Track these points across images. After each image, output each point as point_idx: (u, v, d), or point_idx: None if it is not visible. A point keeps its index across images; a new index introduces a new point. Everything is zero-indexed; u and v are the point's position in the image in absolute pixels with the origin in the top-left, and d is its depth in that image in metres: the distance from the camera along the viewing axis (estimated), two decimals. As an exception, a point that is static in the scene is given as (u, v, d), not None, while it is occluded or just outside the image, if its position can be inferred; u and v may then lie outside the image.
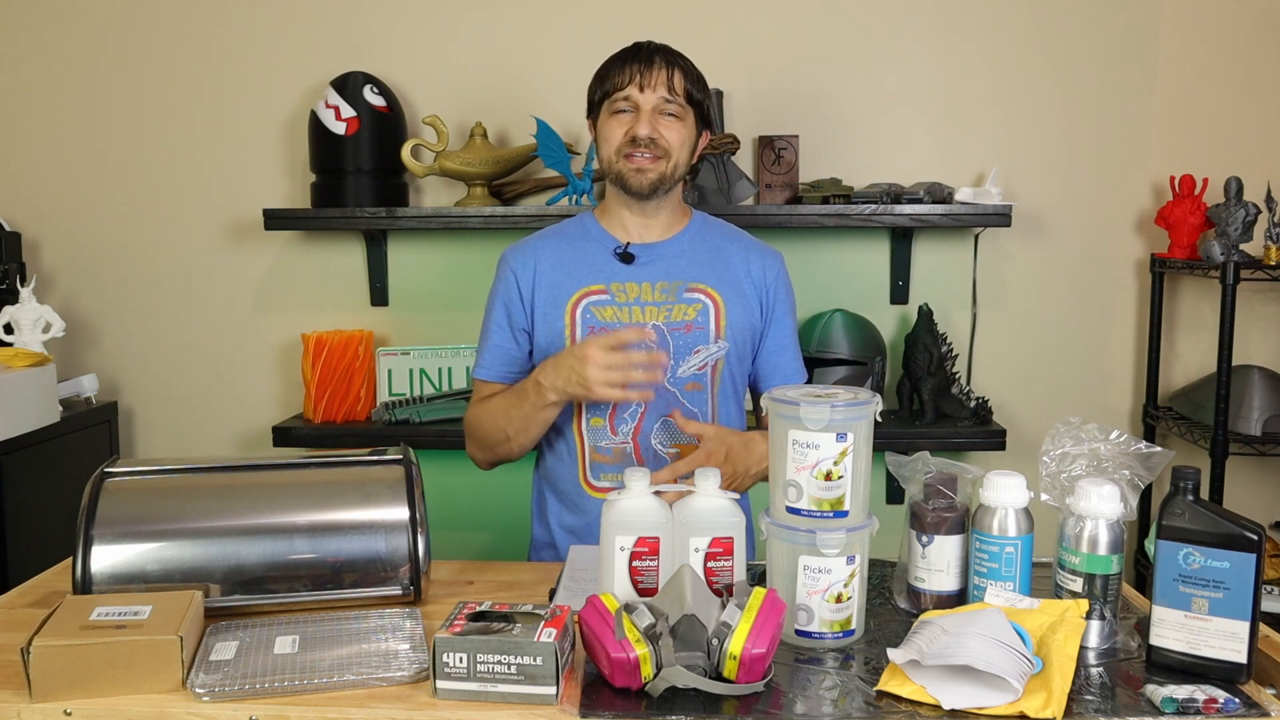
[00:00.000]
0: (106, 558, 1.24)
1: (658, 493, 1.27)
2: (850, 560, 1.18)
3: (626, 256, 1.66)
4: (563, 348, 1.63)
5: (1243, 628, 1.07)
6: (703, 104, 1.65)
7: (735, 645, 1.04)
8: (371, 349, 2.56)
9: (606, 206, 1.71)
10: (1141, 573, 2.50)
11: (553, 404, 1.56)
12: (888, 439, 2.15)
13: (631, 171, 1.61)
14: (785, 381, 1.69)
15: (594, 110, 1.66)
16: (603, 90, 1.63)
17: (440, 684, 1.05)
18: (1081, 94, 2.52)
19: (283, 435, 2.47)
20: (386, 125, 2.47)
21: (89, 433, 2.54)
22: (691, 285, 1.65)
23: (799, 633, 1.19)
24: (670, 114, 1.60)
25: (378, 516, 1.31)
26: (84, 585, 1.23)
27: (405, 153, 2.44)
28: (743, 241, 1.72)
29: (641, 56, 1.61)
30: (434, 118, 2.44)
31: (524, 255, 1.69)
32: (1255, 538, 1.06)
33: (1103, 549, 1.17)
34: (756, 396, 1.71)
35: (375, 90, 2.46)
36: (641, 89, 1.59)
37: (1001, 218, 2.36)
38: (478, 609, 1.12)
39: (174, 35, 2.61)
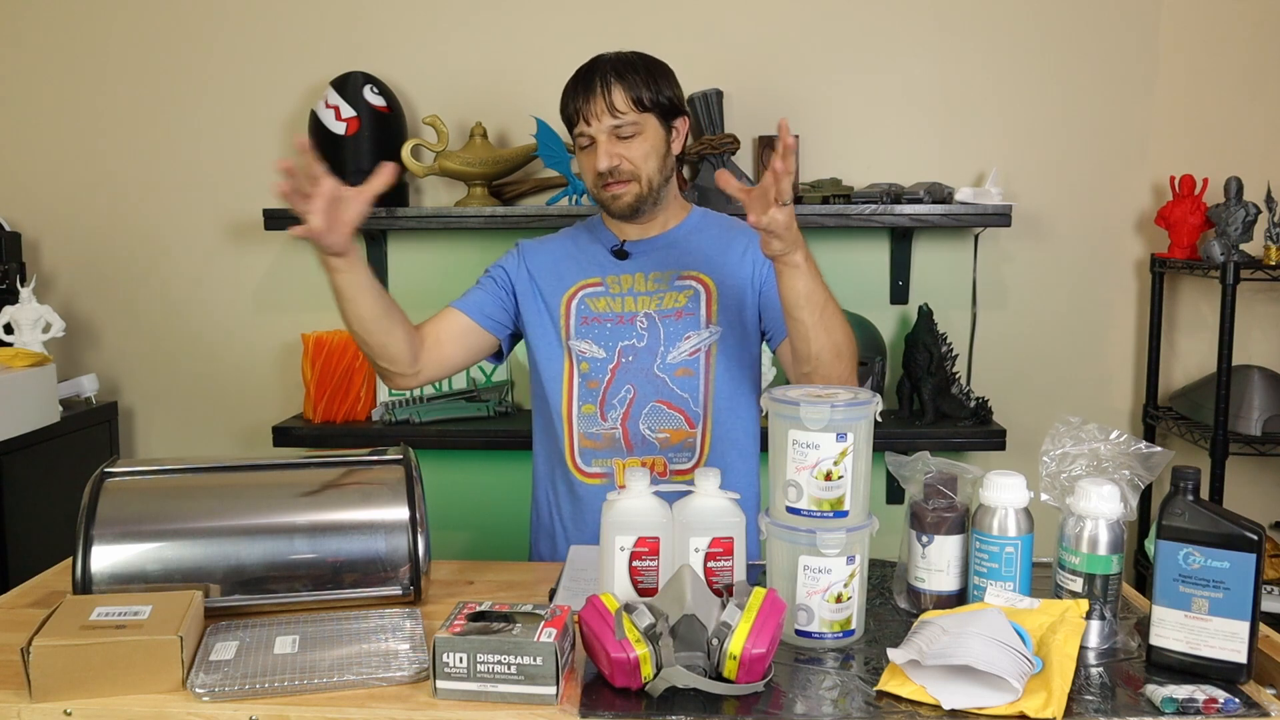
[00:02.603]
0: (106, 558, 1.24)
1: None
2: (850, 560, 1.18)
3: (621, 253, 1.69)
4: (559, 340, 1.68)
5: (1243, 628, 1.07)
6: (660, 101, 1.61)
7: (735, 645, 1.04)
8: (371, 349, 2.55)
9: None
10: (1141, 573, 2.50)
11: (331, 268, 1.49)
12: (888, 439, 2.15)
13: (609, 200, 1.63)
14: None
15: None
16: (566, 126, 1.65)
17: (440, 684, 1.05)
18: (1081, 94, 2.52)
19: (283, 435, 2.47)
20: (386, 125, 2.47)
21: (89, 433, 2.54)
22: (684, 273, 1.66)
23: (799, 633, 1.19)
24: (626, 134, 1.59)
25: (378, 516, 1.31)
26: (84, 585, 1.23)
27: (405, 153, 2.44)
28: (746, 228, 1.68)
29: (581, 86, 1.60)
30: (434, 118, 2.44)
31: (534, 248, 1.75)
32: (1255, 538, 1.06)
33: (1103, 549, 1.17)
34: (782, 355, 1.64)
35: (375, 90, 2.46)
36: (588, 121, 1.59)
37: (1001, 218, 2.36)
38: (478, 609, 1.12)
39: (174, 36, 2.61)
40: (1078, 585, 1.17)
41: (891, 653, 1.08)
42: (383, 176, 1.40)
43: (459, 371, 1.77)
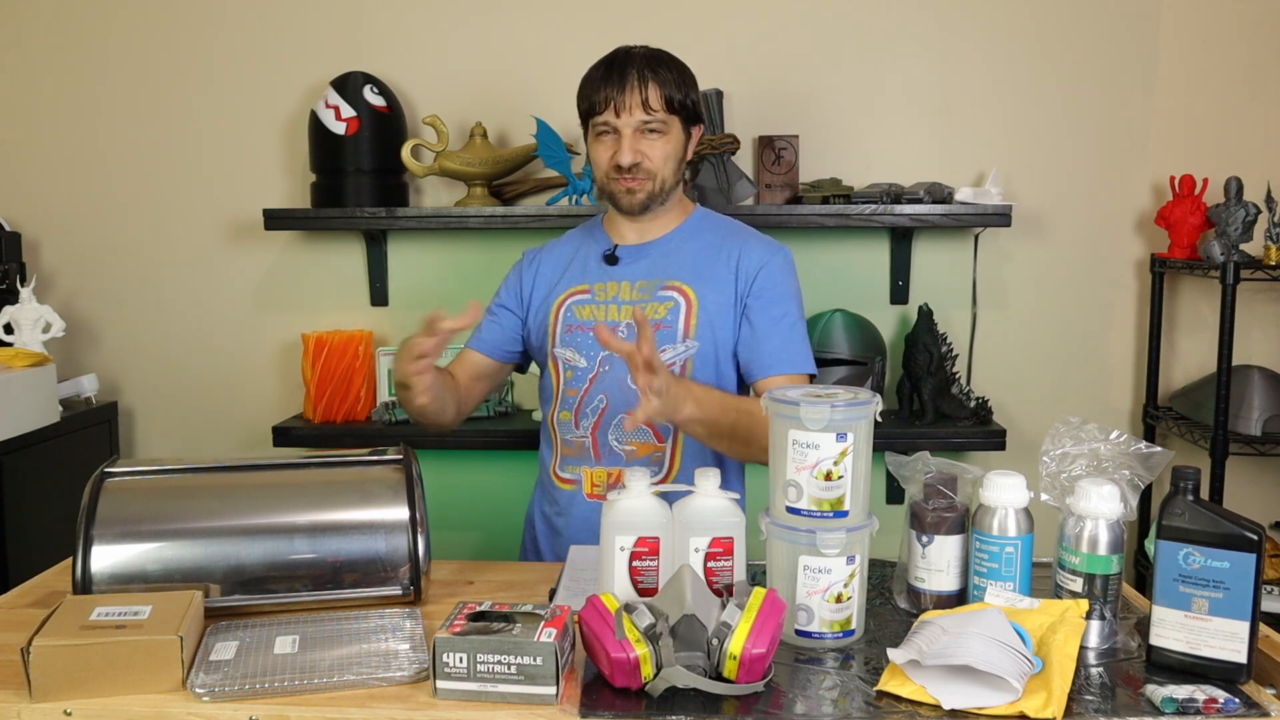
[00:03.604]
0: (106, 558, 1.24)
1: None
2: (850, 560, 1.18)
3: (611, 259, 1.68)
4: (546, 344, 1.68)
5: (1243, 628, 1.07)
6: (687, 105, 1.61)
7: (735, 645, 1.04)
8: (371, 349, 2.55)
9: (609, 211, 1.73)
10: (1141, 573, 2.50)
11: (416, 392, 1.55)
12: (888, 439, 2.15)
13: (622, 193, 1.62)
14: (769, 368, 1.61)
15: (584, 122, 1.66)
16: (584, 110, 1.62)
17: (440, 684, 1.05)
18: (1081, 94, 2.52)
19: (283, 435, 2.47)
20: (386, 125, 2.47)
21: (89, 433, 2.54)
22: (667, 283, 1.64)
23: (799, 633, 1.19)
24: (652, 130, 1.58)
25: (378, 516, 1.31)
26: (84, 585, 1.23)
27: (405, 153, 2.44)
28: (742, 236, 1.69)
29: (615, 75, 1.57)
30: (434, 118, 2.44)
31: (532, 258, 1.77)
32: (1255, 538, 1.06)
33: (1103, 549, 1.17)
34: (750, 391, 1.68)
35: (375, 90, 2.46)
36: (618, 113, 1.57)
37: (1001, 218, 2.36)
38: (478, 609, 1.12)
39: (174, 35, 2.61)
40: (1078, 585, 1.18)
41: (891, 653, 1.08)
42: (469, 315, 1.42)
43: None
